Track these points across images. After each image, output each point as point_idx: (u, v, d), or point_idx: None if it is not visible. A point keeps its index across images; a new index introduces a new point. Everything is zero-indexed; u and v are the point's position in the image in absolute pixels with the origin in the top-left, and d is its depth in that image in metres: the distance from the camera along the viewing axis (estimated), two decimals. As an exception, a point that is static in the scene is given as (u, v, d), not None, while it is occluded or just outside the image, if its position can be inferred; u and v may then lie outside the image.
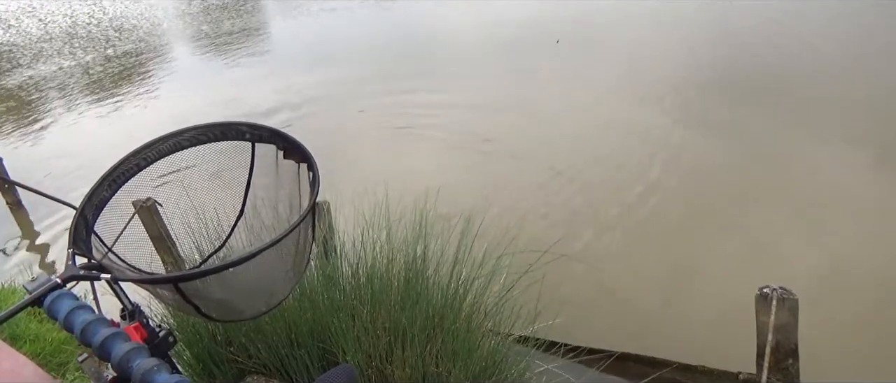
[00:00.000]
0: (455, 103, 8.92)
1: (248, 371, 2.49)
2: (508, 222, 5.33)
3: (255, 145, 1.38)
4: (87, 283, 1.04)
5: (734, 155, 6.48)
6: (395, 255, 2.58)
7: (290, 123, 8.74)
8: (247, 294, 1.32)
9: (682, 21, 11.87)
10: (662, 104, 7.94)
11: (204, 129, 1.32)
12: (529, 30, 12.44)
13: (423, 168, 6.94)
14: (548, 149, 7.19)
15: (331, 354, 2.39)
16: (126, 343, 0.86)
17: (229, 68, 13.21)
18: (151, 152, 1.27)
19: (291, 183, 1.38)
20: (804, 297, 3.11)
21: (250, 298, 1.35)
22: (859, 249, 4.69)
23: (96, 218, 1.20)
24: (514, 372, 2.53)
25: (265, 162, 1.40)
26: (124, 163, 1.26)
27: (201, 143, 1.33)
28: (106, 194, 1.23)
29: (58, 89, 13.19)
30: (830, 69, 8.36)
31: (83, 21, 20.80)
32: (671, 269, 4.73)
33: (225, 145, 1.36)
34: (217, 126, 1.34)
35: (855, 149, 6.11)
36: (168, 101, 11.43)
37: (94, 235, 1.20)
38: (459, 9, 15.35)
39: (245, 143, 1.37)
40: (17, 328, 3.31)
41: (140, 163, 1.27)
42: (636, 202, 5.80)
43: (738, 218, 5.29)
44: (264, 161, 1.40)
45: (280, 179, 1.41)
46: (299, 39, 15.43)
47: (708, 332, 3.99)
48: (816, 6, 11.37)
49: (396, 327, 2.33)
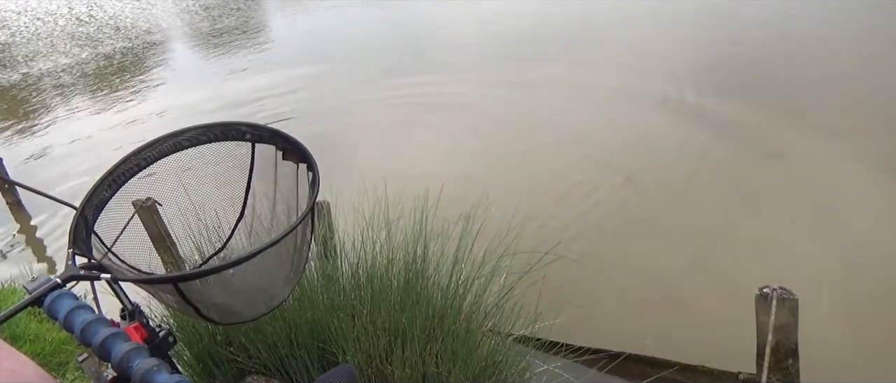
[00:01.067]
0: (456, 102, 8.92)
1: (248, 371, 2.49)
2: (509, 222, 5.34)
3: (255, 145, 1.38)
4: (87, 283, 1.04)
5: (735, 154, 6.48)
6: (395, 255, 2.58)
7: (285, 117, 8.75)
8: (246, 295, 1.32)
9: (682, 20, 11.87)
10: (663, 103, 7.94)
11: (204, 129, 1.32)
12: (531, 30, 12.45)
13: (423, 168, 6.94)
14: (548, 149, 7.19)
15: (331, 354, 2.39)
16: (126, 343, 0.86)
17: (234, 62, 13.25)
18: (152, 152, 1.27)
19: (291, 183, 1.38)
20: (804, 297, 3.11)
21: (250, 300, 1.35)
22: (860, 249, 4.68)
23: (96, 217, 1.20)
24: (514, 372, 2.53)
25: (265, 162, 1.40)
26: (124, 163, 1.26)
27: (201, 143, 1.33)
28: (106, 194, 1.23)
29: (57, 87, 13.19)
30: (830, 69, 8.35)
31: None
32: (671, 269, 4.73)
33: (225, 145, 1.36)
34: (217, 126, 1.34)
35: (857, 148, 6.10)
36: (163, 101, 11.45)
37: (95, 235, 1.20)
38: (460, 8, 15.35)
39: (245, 144, 1.37)
40: (17, 328, 3.31)
41: (140, 163, 1.27)
42: (637, 202, 5.80)
43: (738, 218, 5.29)
44: (264, 161, 1.40)
45: (279, 180, 1.41)
46: (298, 38, 15.46)
47: (708, 332, 3.98)
48: (817, 5, 11.38)
49: (396, 327, 2.33)
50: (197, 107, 10.34)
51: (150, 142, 1.28)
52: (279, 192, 1.42)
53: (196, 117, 9.83)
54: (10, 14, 23.37)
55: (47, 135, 10.41)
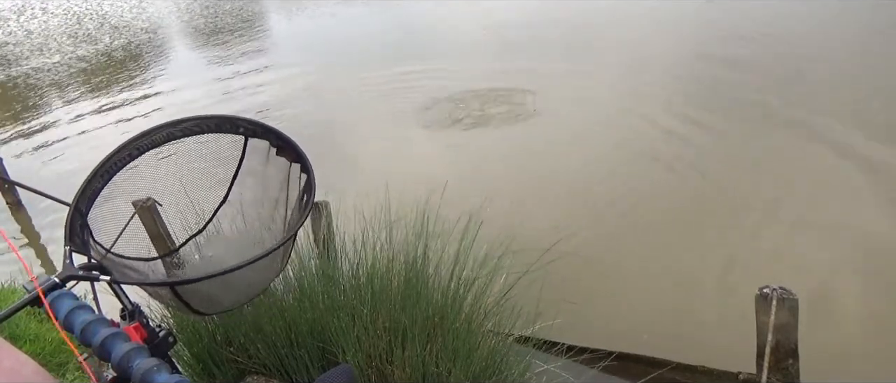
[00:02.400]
0: (456, 102, 8.92)
1: (248, 371, 2.49)
2: (509, 222, 5.34)
3: (249, 140, 1.39)
4: (87, 283, 1.04)
5: (735, 154, 6.48)
6: (396, 255, 2.58)
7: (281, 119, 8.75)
8: (232, 289, 1.34)
9: (681, 21, 11.86)
10: (663, 103, 7.93)
11: (198, 121, 1.33)
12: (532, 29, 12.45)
13: (423, 168, 6.94)
14: (548, 149, 7.19)
15: (331, 354, 2.39)
16: (126, 343, 0.86)
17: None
18: (145, 141, 1.27)
19: (281, 177, 1.39)
20: (804, 297, 3.11)
21: (233, 292, 1.37)
22: (860, 249, 4.68)
23: (89, 208, 1.20)
24: (515, 372, 2.53)
25: (256, 156, 1.41)
26: (119, 153, 1.26)
27: (195, 134, 1.33)
28: (99, 184, 1.23)
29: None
30: (831, 68, 8.35)
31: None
32: (671, 269, 4.72)
33: (218, 138, 1.37)
34: (212, 118, 1.35)
35: (857, 148, 6.10)
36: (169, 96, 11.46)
37: (94, 241, 1.20)
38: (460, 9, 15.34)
39: (238, 137, 1.38)
40: (16, 328, 3.31)
41: (132, 153, 1.27)
42: (636, 202, 5.79)
43: (738, 217, 5.28)
44: (255, 155, 1.41)
45: (269, 174, 1.42)
46: (295, 37, 15.49)
47: (708, 332, 3.98)
48: (817, 4, 11.38)
49: (396, 327, 2.32)
50: (195, 103, 10.37)
51: (144, 131, 1.29)
52: (267, 187, 1.43)
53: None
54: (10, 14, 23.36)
55: (46, 135, 10.41)
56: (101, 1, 24.08)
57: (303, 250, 2.71)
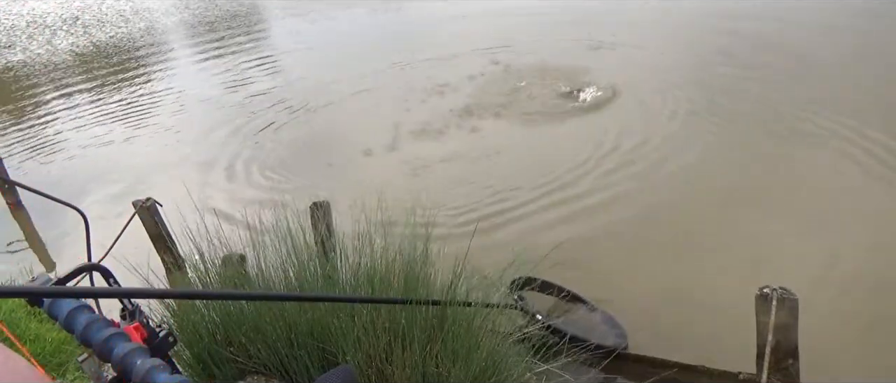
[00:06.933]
0: (457, 101, 8.93)
1: (248, 371, 2.49)
2: (509, 222, 5.35)
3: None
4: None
5: (735, 154, 6.48)
6: (396, 255, 2.58)
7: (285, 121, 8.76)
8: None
9: (681, 20, 11.87)
10: (663, 103, 7.93)
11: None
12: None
13: (424, 167, 6.94)
14: (548, 149, 7.19)
15: (331, 354, 2.39)
16: (126, 343, 0.86)
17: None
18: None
19: None
20: (804, 297, 3.11)
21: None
22: (860, 249, 4.68)
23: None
24: (515, 372, 2.53)
25: None
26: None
27: None
28: None
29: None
30: (831, 68, 8.35)
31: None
32: (671, 269, 4.72)
33: None
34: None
35: (857, 148, 6.10)
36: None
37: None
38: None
39: None
40: (16, 328, 3.31)
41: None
42: (636, 202, 5.80)
43: (738, 218, 5.28)
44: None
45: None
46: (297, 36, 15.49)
47: (708, 333, 3.98)
48: (816, 4, 11.38)
49: (396, 327, 2.32)
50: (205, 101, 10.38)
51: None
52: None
53: (200, 115, 9.86)
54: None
55: (46, 135, 10.41)
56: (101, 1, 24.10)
57: (303, 250, 2.71)
